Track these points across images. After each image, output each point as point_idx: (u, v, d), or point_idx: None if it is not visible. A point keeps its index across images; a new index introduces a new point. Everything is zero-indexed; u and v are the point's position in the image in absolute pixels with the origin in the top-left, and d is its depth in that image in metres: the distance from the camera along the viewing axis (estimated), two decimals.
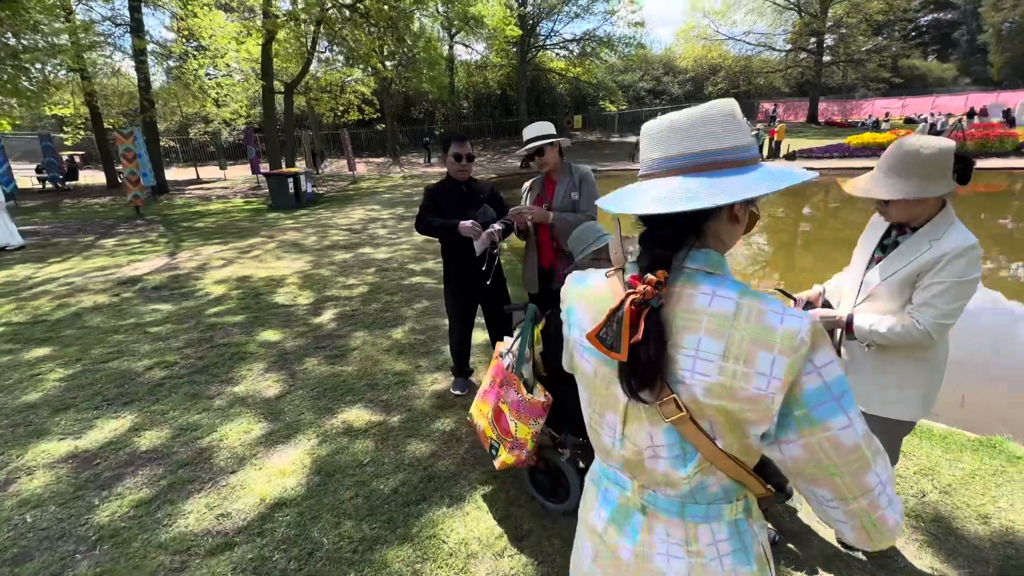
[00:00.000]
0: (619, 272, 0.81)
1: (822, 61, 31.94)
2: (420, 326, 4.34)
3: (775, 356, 0.65)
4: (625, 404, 0.78)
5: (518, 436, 2.01)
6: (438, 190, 2.91)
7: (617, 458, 0.83)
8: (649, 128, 0.78)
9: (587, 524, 0.93)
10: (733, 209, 0.74)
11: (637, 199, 0.73)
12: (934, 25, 51.91)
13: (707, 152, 0.71)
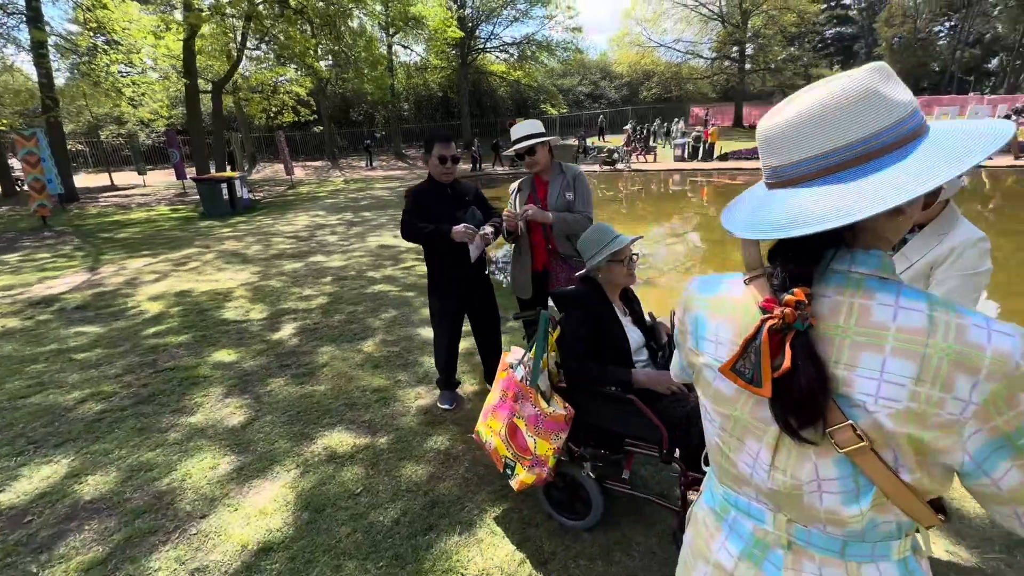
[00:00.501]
0: (760, 279, 0.71)
1: (744, 69, 34.07)
2: (392, 337, 4.10)
3: (978, 380, 0.57)
4: (778, 432, 0.68)
5: (538, 453, 1.88)
6: (422, 193, 2.72)
7: (756, 488, 0.73)
8: (768, 128, 0.67)
9: (706, 558, 0.82)
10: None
11: (781, 215, 0.63)
12: (837, 38, 57.01)
13: (850, 144, 0.61)
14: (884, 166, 0.58)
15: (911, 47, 52.22)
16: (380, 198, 13.87)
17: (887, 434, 0.61)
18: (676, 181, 18.02)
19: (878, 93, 0.59)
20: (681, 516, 1.79)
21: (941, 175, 0.55)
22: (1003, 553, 1.86)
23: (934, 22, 52.48)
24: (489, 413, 2.09)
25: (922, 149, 0.59)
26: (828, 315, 0.64)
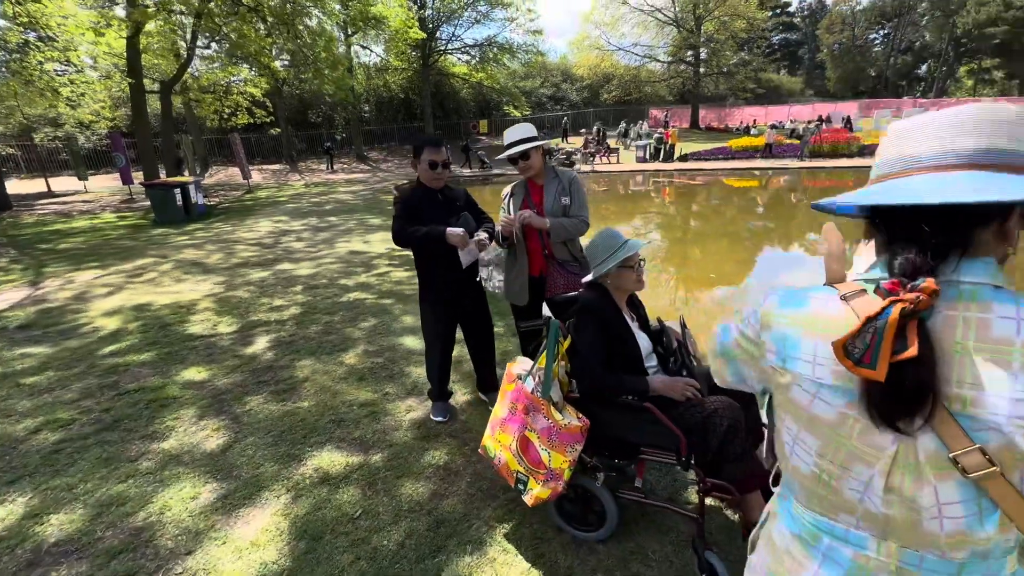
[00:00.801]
0: (861, 297, 0.68)
1: (699, 72, 35.20)
2: (374, 347, 3.95)
3: None
4: (893, 454, 0.65)
5: (553, 467, 1.82)
6: (413, 199, 2.62)
7: (863, 514, 0.70)
8: (907, 124, 0.68)
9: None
10: (1009, 221, 0.64)
11: (926, 189, 0.61)
12: (783, 44, 59.77)
13: (999, 150, 0.61)
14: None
15: (850, 53, 55.36)
16: (345, 202, 13.50)
17: (1019, 456, 0.59)
18: (638, 182, 18.40)
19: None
20: (700, 523, 1.78)
21: None
22: None
23: (870, 30, 55.84)
24: (497, 427, 2.02)
25: None
26: (941, 329, 0.62)
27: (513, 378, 2.01)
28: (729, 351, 0.89)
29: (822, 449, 0.71)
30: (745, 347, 0.83)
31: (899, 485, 0.65)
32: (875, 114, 31.02)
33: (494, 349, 3.02)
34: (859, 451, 0.67)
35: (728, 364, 0.90)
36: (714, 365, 0.97)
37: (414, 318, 4.54)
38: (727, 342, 0.89)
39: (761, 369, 0.80)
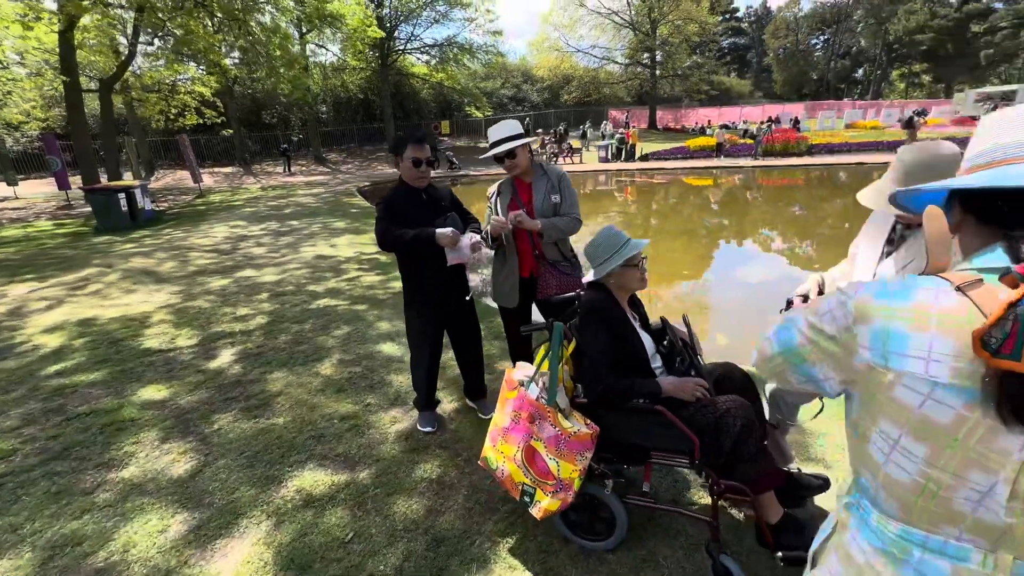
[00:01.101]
0: (980, 287, 0.63)
1: (656, 74, 36.09)
2: (350, 356, 3.76)
3: None
4: (1021, 462, 0.60)
5: (562, 476, 1.74)
6: (395, 200, 2.48)
7: (974, 525, 0.65)
8: (1010, 113, 0.64)
9: None
10: None
11: None
12: (733, 48, 62.13)
13: None
14: None
15: (794, 57, 58.18)
16: (306, 205, 13.02)
17: None
18: (601, 181, 18.64)
19: None
20: (714, 526, 1.74)
21: None
22: None
23: (811, 36, 58.84)
24: (499, 437, 1.92)
25: None
26: None
27: (515, 385, 1.91)
28: (795, 350, 0.82)
29: (932, 456, 0.65)
30: (823, 345, 0.77)
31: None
32: (819, 115, 32.67)
33: (483, 354, 2.91)
34: (979, 457, 0.62)
35: (793, 365, 0.84)
36: (768, 367, 0.90)
37: (390, 324, 4.37)
38: (791, 341, 0.83)
39: (849, 368, 0.74)
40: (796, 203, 12.99)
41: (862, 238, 1.88)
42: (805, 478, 1.96)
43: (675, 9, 33.51)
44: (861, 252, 1.86)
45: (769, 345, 0.88)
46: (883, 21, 49.70)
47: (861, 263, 1.85)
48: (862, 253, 1.86)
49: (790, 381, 0.87)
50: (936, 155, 1.52)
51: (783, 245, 8.90)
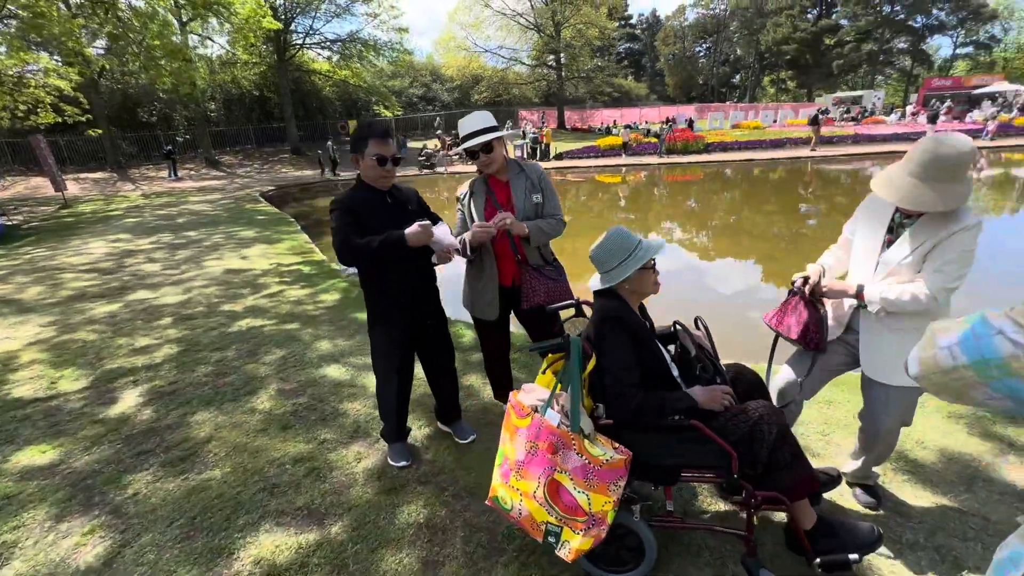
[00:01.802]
0: None
1: (562, 76, 37.14)
2: (290, 385, 3.29)
3: None
4: None
5: (594, 511, 1.54)
6: (356, 203, 2.13)
7: None
8: None
9: None
10: None
11: None
12: (629, 52, 65.86)
13: None
14: None
15: (682, 63, 62.93)
16: (202, 214, 11.63)
17: None
18: None
19: None
20: (751, 540, 1.64)
21: None
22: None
23: (696, 44, 63.96)
24: (512, 472, 1.68)
25: None
26: None
27: (527, 411, 1.68)
28: (999, 362, 0.69)
29: None
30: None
31: None
32: (709, 116, 35.63)
33: (456, 373, 2.63)
34: None
35: (991, 379, 0.71)
36: (943, 379, 0.77)
37: (331, 343, 3.91)
38: (995, 351, 0.70)
39: None
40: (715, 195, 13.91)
41: (859, 224, 1.88)
42: (819, 475, 1.94)
43: (576, 13, 34.68)
44: (860, 239, 1.87)
45: (950, 356, 0.75)
46: (755, 32, 55.30)
47: (861, 250, 1.85)
48: (861, 240, 1.86)
49: (973, 397, 0.75)
50: (958, 150, 1.51)
51: (720, 238, 9.42)
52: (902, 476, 2.23)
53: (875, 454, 1.98)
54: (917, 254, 1.65)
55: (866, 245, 1.83)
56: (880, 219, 1.80)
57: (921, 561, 1.79)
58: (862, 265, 1.83)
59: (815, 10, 54.14)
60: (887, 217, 1.78)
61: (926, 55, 51.83)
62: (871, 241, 1.81)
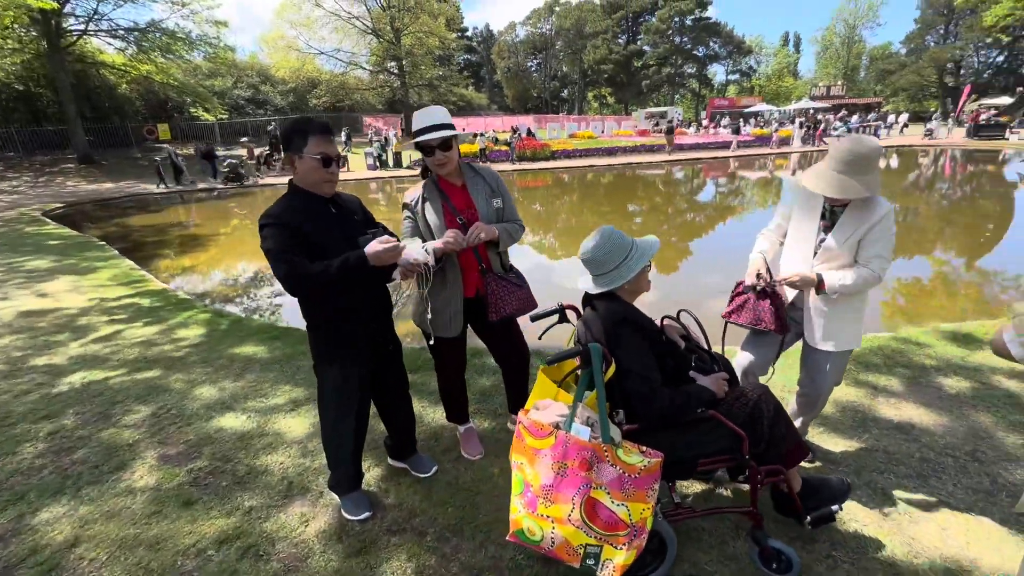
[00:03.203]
0: None
1: (406, 83, 36.61)
2: (176, 447, 2.61)
3: None
4: None
5: (634, 520, 1.49)
6: (295, 216, 1.75)
7: None
8: None
9: None
10: None
11: None
12: (468, 63, 67.73)
13: None
14: None
15: (518, 76, 66.84)
16: None
17: None
18: (373, 189, 17.92)
19: None
20: (757, 514, 1.74)
21: None
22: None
23: (528, 59, 68.45)
24: (539, 499, 1.53)
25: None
26: None
27: (548, 430, 1.55)
28: None
29: None
30: None
31: None
32: (547, 126, 38.48)
33: (412, 404, 2.35)
34: None
35: None
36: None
37: (215, 387, 3.23)
38: None
39: None
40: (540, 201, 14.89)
41: (794, 214, 2.12)
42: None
43: (415, 21, 34.52)
44: (794, 227, 2.12)
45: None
46: (577, 52, 61.27)
47: (798, 237, 2.10)
48: (797, 226, 2.10)
49: None
50: (871, 148, 1.80)
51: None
52: (817, 430, 2.59)
53: (813, 413, 2.27)
54: (852, 240, 1.92)
55: (802, 233, 2.08)
56: (812, 211, 2.06)
57: (862, 497, 2.10)
58: (799, 249, 2.08)
59: (624, 36, 62.04)
60: (818, 209, 2.04)
61: (708, 79, 63.07)
62: (807, 230, 2.06)
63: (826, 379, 2.10)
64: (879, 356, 3.30)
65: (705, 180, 17.37)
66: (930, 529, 1.93)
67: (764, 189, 15.07)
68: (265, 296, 6.17)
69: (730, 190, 15.28)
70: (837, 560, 1.80)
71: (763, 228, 2.28)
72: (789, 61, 66.24)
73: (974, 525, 1.94)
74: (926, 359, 3.26)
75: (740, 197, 14.06)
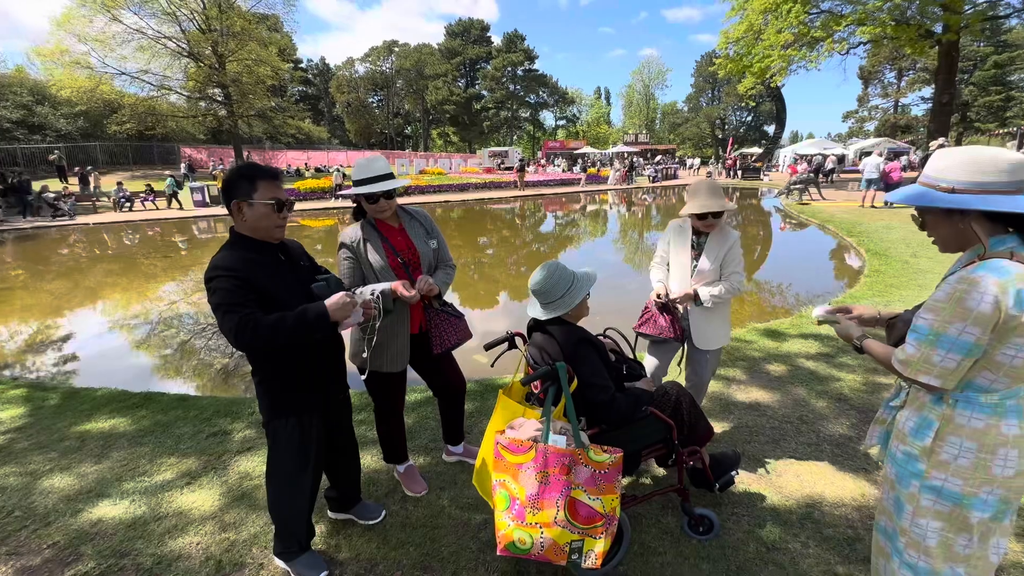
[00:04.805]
0: (1012, 256, 1.18)
1: (235, 112, 33.46)
2: (39, 557, 2.12)
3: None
4: None
5: (608, 511, 1.73)
6: (246, 266, 1.66)
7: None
8: (1004, 161, 1.21)
9: None
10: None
11: None
12: (304, 96, 64.55)
13: None
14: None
15: (359, 111, 65.80)
16: None
17: None
18: (203, 228, 15.97)
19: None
20: (685, 490, 2.12)
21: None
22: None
23: (368, 95, 67.90)
24: (527, 508, 1.69)
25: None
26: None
27: (527, 445, 1.72)
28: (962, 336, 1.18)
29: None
30: (985, 326, 1.15)
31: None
32: (396, 162, 38.57)
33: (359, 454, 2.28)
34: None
35: (960, 344, 1.18)
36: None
37: (70, 474, 2.68)
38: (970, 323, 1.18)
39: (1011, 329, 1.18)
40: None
41: (671, 246, 2.66)
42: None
43: (242, 48, 32.03)
44: (674, 257, 2.65)
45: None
46: (420, 91, 62.91)
47: (678, 264, 2.63)
48: (676, 257, 2.64)
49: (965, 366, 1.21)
50: (716, 185, 2.42)
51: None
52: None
53: (699, 400, 2.80)
54: (715, 262, 2.50)
55: (679, 262, 2.62)
56: (684, 244, 2.61)
57: (742, 464, 2.65)
58: (679, 274, 2.61)
59: (464, 80, 65.62)
60: (688, 242, 2.60)
61: (541, 123, 69.71)
62: (683, 259, 2.60)
63: (707, 371, 2.65)
64: (725, 355, 4.12)
65: (566, 211, 19.15)
66: (789, 478, 2.54)
67: (614, 217, 17.20)
68: (93, 359, 5.12)
69: (585, 217, 17.12)
70: (739, 515, 2.27)
71: (652, 261, 2.80)
72: (603, 111, 76.87)
73: (814, 469, 2.60)
74: (755, 352, 4.18)
75: (596, 224, 15.87)
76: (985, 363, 1.20)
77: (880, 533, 1.49)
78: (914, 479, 1.34)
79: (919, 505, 1.33)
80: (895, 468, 1.40)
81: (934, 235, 1.33)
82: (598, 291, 2.12)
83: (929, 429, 1.30)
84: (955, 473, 1.27)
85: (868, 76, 54.53)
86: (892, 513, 1.42)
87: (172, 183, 18.97)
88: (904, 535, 1.38)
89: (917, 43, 19.61)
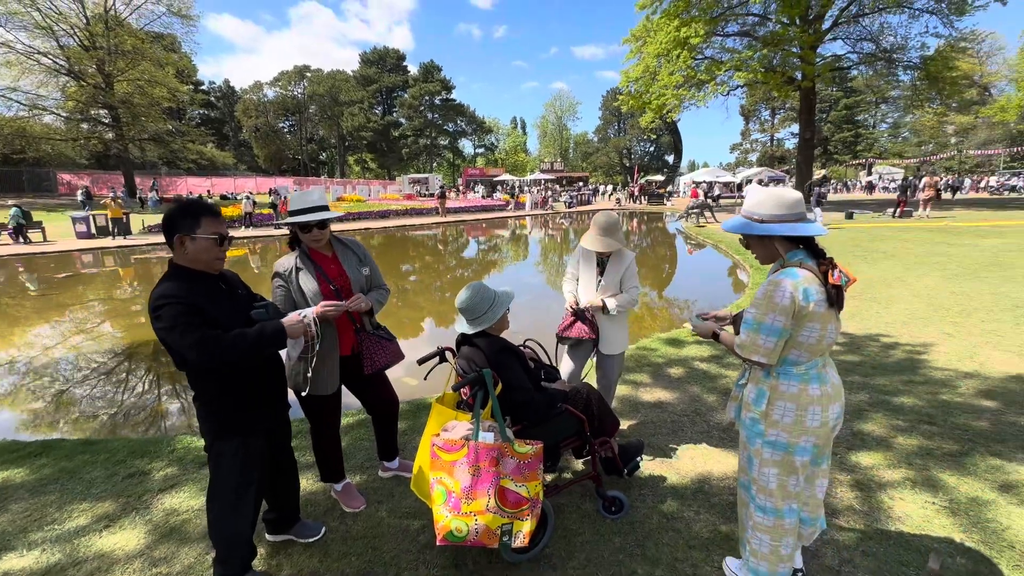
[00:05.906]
0: (801, 264, 1.67)
1: (125, 136, 30.76)
2: None
3: None
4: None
5: (532, 495, 2.01)
6: (189, 293, 1.77)
7: (827, 351, 1.70)
8: (782, 198, 1.70)
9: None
10: None
11: (814, 228, 1.66)
12: (207, 119, 60.67)
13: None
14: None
15: (269, 136, 63.02)
16: None
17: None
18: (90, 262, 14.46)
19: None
20: (597, 476, 2.45)
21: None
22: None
23: (279, 120, 65.38)
24: (462, 500, 1.92)
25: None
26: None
27: (459, 444, 1.96)
28: (768, 322, 1.67)
29: (821, 333, 1.64)
30: (783, 317, 1.63)
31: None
32: (310, 187, 37.28)
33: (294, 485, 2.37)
34: (836, 323, 1.66)
35: (780, 332, 1.65)
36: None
37: None
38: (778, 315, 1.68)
39: (806, 316, 1.64)
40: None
41: (580, 267, 3.06)
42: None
43: (133, 68, 29.74)
44: (583, 275, 3.05)
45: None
46: (335, 117, 61.67)
47: (586, 281, 3.03)
48: (584, 274, 3.04)
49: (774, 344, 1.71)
50: (614, 218, 2.85)
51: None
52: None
53: (609, 398, 3.19)
54: (616, 278, 2.92)
55: (587, 278, 3.02)
56: (591, 263, 3.02)
57: (647, 453, 3.05)
58: (588, 287, 3.01)
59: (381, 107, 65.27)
60: (594, 261, 3.01)
61: (460, 151, 70.80)
62: (590, 276, 3.01)
63: (614, 373, 3.05)
64: (632, 361, 4.61)
65: (488, 236, 19.56)
66: (685, 461, 2.97)
67: (534, 241, 17.88)
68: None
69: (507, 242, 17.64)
70: (644, 495, 2.63)
71: (564, 277, 3.18)
72: (520, 140, 79.99)
73: (705, 451, 3.06)
74: (658, 358, 4.71)
75: (517, 248, 16.40)
76: (792, 343, 1.64)
77: (741, 487, 1.90)
78: (757, 438, 1.75)
79: (762, 458, 1.75)
80: (745, 432, 1.81)
81: (755, 252, 1.79)
82: (518, 308, 2.43)
83: (763, 398, 1.73)
84: (783, 429, 1.70)
85: (748, 114, 62.12)
86: (746, 468, 1.83)
87: (18, 213, 16.42)
88: (755, 484, 1.79)
89: (782, 87, 22.88)
